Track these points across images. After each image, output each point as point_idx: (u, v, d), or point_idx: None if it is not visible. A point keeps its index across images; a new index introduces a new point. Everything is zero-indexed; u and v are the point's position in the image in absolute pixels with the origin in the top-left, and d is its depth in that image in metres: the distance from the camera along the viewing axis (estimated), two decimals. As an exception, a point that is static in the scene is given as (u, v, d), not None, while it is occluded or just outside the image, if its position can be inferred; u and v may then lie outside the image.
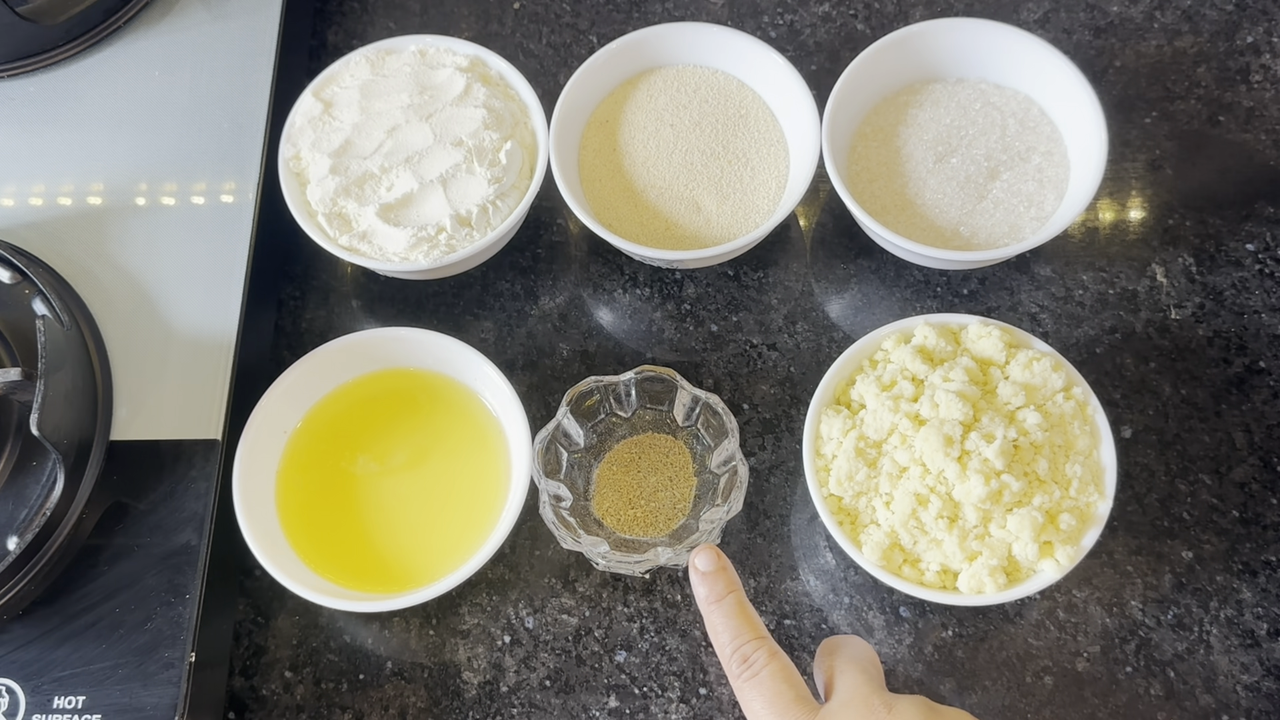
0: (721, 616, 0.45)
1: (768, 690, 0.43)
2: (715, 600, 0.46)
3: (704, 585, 0.46)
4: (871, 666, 0.45)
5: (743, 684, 0.44)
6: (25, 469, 0.54)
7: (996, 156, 0.59)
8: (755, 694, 0.43)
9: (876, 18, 0.68)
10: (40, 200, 0.62)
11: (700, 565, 0.46)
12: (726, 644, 0.45)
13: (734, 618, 0.45)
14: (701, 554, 0.47)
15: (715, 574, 0.46)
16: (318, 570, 0.54)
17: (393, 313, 0.63)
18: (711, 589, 0.46)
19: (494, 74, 0.62)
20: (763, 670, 0.43)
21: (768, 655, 0.44)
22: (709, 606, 0.46)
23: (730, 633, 0.45)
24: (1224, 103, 0.64)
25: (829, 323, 0.61)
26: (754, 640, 0.44)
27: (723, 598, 0.45)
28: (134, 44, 0.66)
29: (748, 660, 0.44)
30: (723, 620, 0.45)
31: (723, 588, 0.46)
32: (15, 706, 0.50)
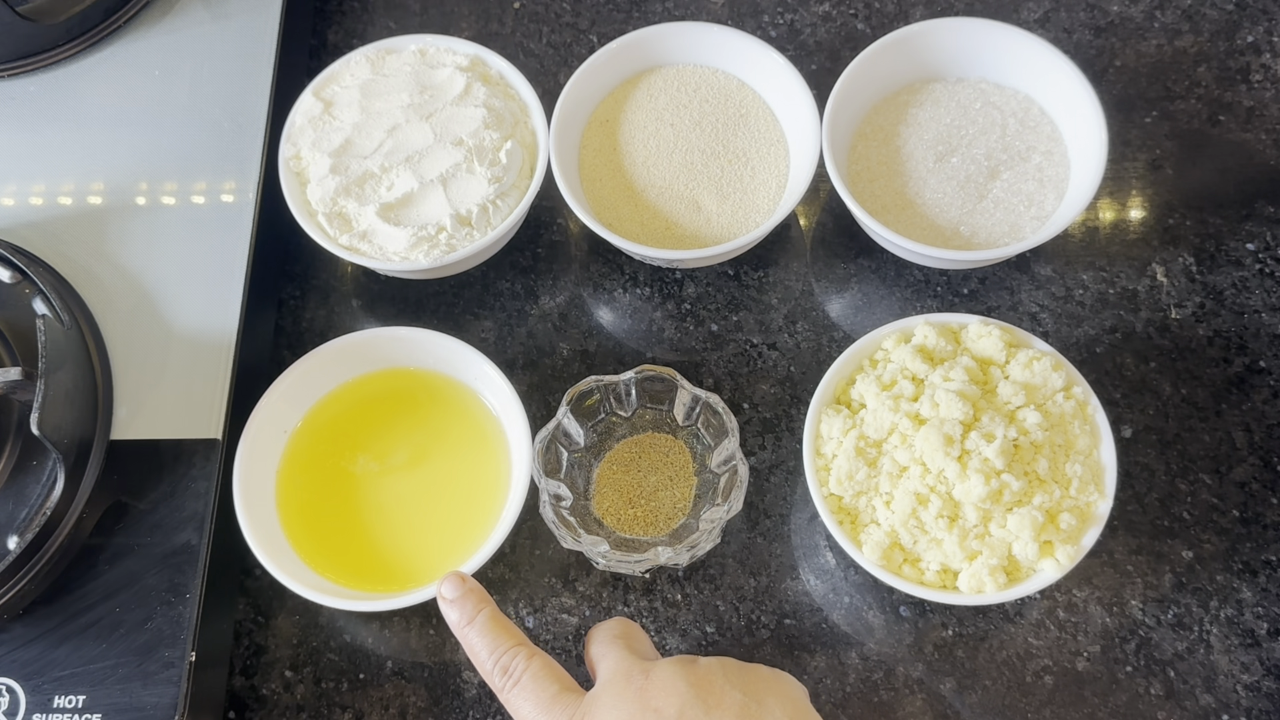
0: (476, 634, 0.44)
1: (530, 691, 0.43)
2: (467, 622, 0.45)
3: (454, 610, 0.45)
4: (634, 639, 0.45)
5: (509, 694, 0.43)
6: (25, 468, 0.54)
7: (997, 156, 0.59)
8: (521, 698, 0.43)
9: (877, 17, 0.68)
10: (40, 200, 0.62)
11: (447, 593, 0.46)
12: (486, 660, 0.44)
13: (488, 634, 0.44)
14: (446, 582, 0.46)
15: (463, 597, 0.45)
16: (318, 570, 0.54)
17: (393, 312, 0.63)
18: (462, 612, 0.45)
19: (494, 73, 0.62)
20: (524, 674, 0.43)
21: (526, 658, 0.44)
22: (463, 631, 0.45)
23: (488, 649, 0.44)
24: (1224, 102, 0.64)
25: (829, 322, 0.61)
26: (511, 649, 0.44)
27: (474, 618, 0.45)
28: (134, 43, 0.66)
29: (508, 670, 0.44)
30: (478, 638, 0.44)
31: (472, 608, 0.45)
32: (15, 706, 0.50)
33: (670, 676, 0.42)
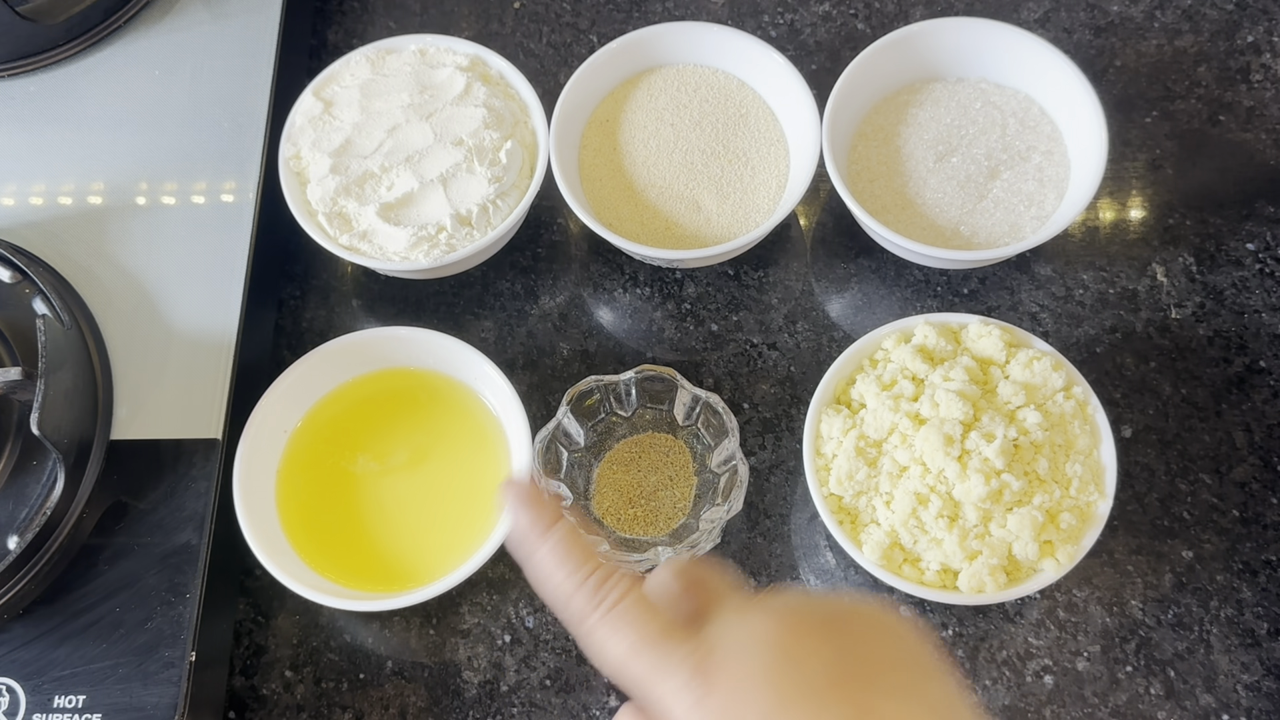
0: (551, 547, 0.34)
1: (631, 622, 0.33)
2: (543, 531, 0.35)
3: (525, 516, 0.35)
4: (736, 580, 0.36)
5: (598, 622, 0.33)
6: (25, 468, 0.54)
7: (997, 156, 0.59)
8: (614, 630, 0.33)
9: (877, 17, 0.68)
10: (41, 200, 0.62)
11: (513, 499, 0.35)
12: (564, 581, 0.34)
13: (570, 549, 0.34)
14: (511, 488, 0.36)
15: (534, 502, 0.35)
16: (318, 569, 0.54)
17: (393, 312, 0.63)
18: (537, 518, 0.35)
19: (494, 73, 0.62)
20: (623, 601, 0.33)
21: (622, 582, 0.34)
22: (535, 543, 0.35)
23: (572, 563, 0.34)
24: (1224, 102, 0.64)
25: (829, 322, 0.61)
26: (600, 569, 0.34)
27: (551, 526, 0.35)
28: (134, 43, 0.66)
29: (598, 592, 0.34)
30: (555, 553, 0.34)
31: (550, 516, 0.35)
32: (15, 706, 0.50)
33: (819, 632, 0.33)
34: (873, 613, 0.34)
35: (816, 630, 0.33)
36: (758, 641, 0.33)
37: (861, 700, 0.31)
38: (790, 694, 0.31)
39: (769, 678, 0.32)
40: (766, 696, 0.31)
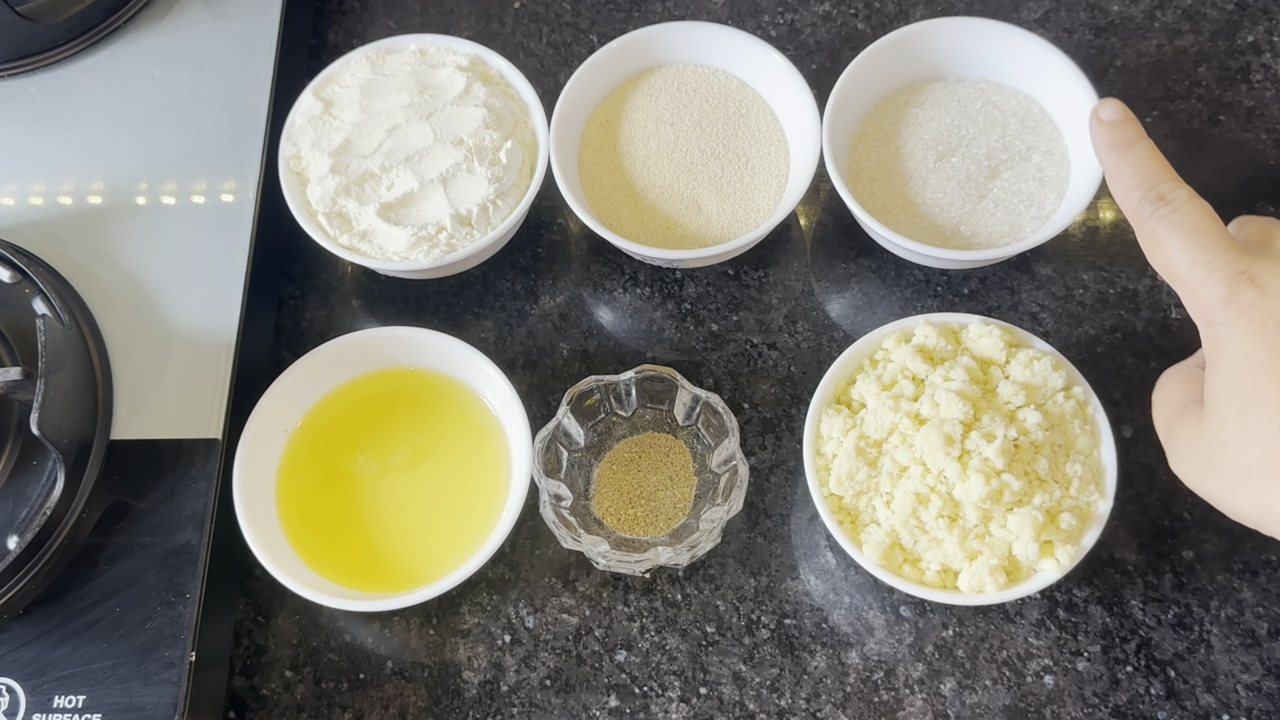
0: (1134, 158, 0.41)
1: (1187, 222, 0.38)
2: (1126, 143, 0.41)
3: (1112, 132, 0.42)
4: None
5: (1156, 221, 0.39)
6: (25, 468, 0.54)
7: (997, 156, 0.59)
8: (1172, 228, 0.39)
9: (877, 17, 0.68)
10: (40, 199, 0.62)
11: (1106, 114, 0.42)
12: (1136, 187, 0.40)
13: (1149, 159, 0.41)
14: (1106, 105, 0.43)
15: (1126, 121, 0.42)
16: (318, 570, 0.54)
17: (393, 312, 0.63)
18: (1122, 133, 0.42)
19: (494, 73, 0.62)
20: (1185, 204, 0.39)
21: (1189, 195, 0.39)
22: (1115, 153, 0.41)
23: (1145, 175, 0.40)
24: (1224, 102, 0.64)
25: (829, 322, 0.61)
26: (1172, 179, 0.40)
27: (1134, 142, 0.41)
28: (134, 43, 0.66)
29: (1165, 197, 0.39)
30: (1135, 162, 0.41)
31: (1134, 133, 0.42)
32: (15, 706, 0.50)
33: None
34: None
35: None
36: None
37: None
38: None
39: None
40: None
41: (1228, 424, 0.38)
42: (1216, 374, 0.38)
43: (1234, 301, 0.38)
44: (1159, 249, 0.40)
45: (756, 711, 0.53)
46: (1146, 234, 0.40)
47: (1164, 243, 0.39)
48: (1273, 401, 0.36)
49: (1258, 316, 0.37)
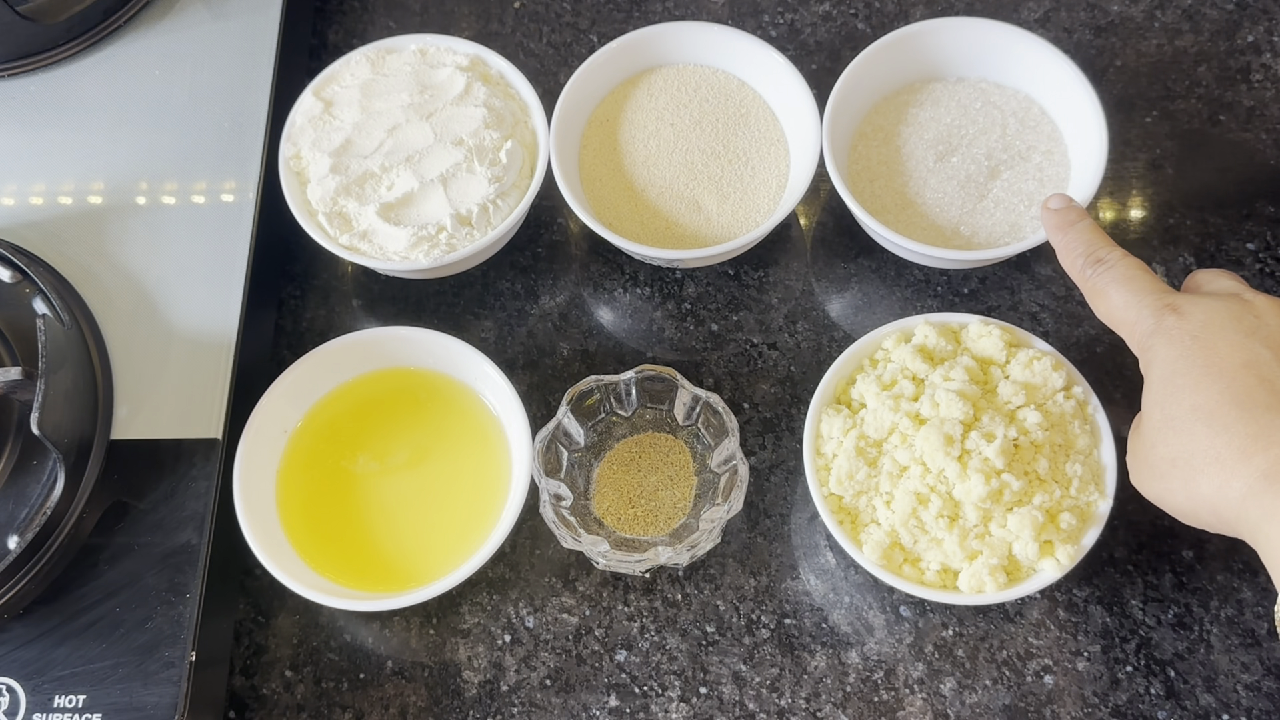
0: (1077, 233, 0.48)
1: (1123, 277, 0.46)
2: (1070, 224, 0.49)
3: (1057, 217, 0.50)
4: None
5: (1096, 278, 0.46)
6: (26, 468, 0.54)
7: (997, 155, 0.59)
8: (1109, 281, 0.46)
9: (877, 17, 0.68)
10: (41, 199, 0.62)
11: (1053, 204, 0.50)
12: (1079, 255, 0.47)
13: (1089, 233, 0.48)
14: (1053, 197, 0.51)
15: (1069, 208, 0.50)
16: (318, 569, 0.54)
17: (393, 312, 0.63)
18: (1065, 217, 0.49)
19: (494, 73, 0.62)
20: (1119, 263, 0.46)
21: (1122, 255, 0.46)
22: (1061, 233, 0.49)
23: (1085, 244, 0.47)
24: (1224, 102, 0.64)
25: (829, 322, 0.61)
26: (1107, 245, 0.47)
27: (1076, 222, 0.49)
28: (134, 43, 0.66)
29: (1103, 260, 0.46)
30: (1077, 236, 0.48)
31: (1075, 215, 0.49)
32: (16, 705, 0.50)
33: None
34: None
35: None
36: (1228, 306, 0.43)
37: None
38: (1249, 337, 0.42)
39: (1231, 324, 0.43)
40: (1225, 333, 0.42)
41: (1155, 425, 0.43)
42: (1148, 388, 0.44)
43: (1160, 328, 0.44)
44: (1101, 300, 0.47)
45: (756, 711, 0.53)
46: (1090, 291, 0.47)
47: (1104, 294, 0.46)
48: (1191, 396, 0.42)
49: (1177, 335, 0.43)
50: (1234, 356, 0.42)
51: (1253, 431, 0.40)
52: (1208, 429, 0.41)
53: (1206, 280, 0.48)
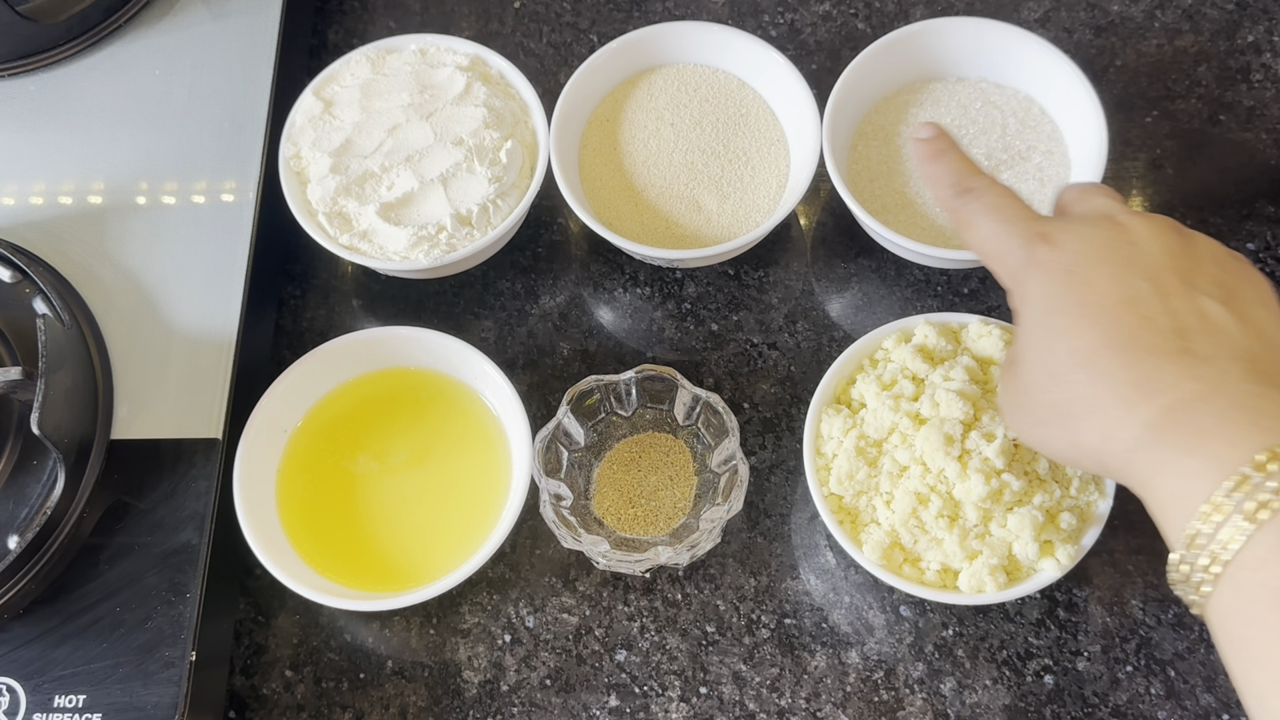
0: (945, 162, 0.46)
1: (993, 206, 0.43)
2: (939, 153, 0.46)
3: (925, 146, 0.47)
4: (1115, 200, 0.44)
5: (964, 208, 0.44)
6: (26, 468, 0.54)
7: (997, 155, 0.59)
8: (976, 210, 0.43)
9: (877, 17, 0.68)
10: (41, 199, 0.62)
11: (921, 134, 0.48)
12: (949, 185, 0.45)
13: (957, 161, 0.46)
14: (921, 126, 0.48)
15: (937, 137, 0.47)
16: (318, 569, 0.54)
17: (393, 312, 0.63)
18: (933, 146, 0.47)
19: (494, 73, 0.62)
20: (988, 193, 0.44)
21: (990, 182, 0.44)
22: (930, 163, 0.46)
23: (953, 174, 0.45)
24: (1225, 102, 0.64)
25: (829, 322, 0.61)
26: (976, 175, 0.45)
27: (945, 151, 0.46)
28: (134, 43, 0.66)
29: (971, 189, 0.44)
30: (945, 165, 0.46)
31: (944, 144, 0.47)
32: (16, 705, 0.50)
33: (1160, 226, 0.41)
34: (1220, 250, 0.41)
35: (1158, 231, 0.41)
36: (1103, 233, 0.40)
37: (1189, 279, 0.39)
38: (1126, 269, 0.39)
39: (1107, 254, 0.40)
40: (1101, 265, 0.39)
41: (1032, 369, 0.41)
42: (1021, 327, 0.42)
43: (1031, 260, 0.41)
44: (970, 230, 0.44)
45: (756, 711, 0.53)
46: (960, 221, 0.45)
47: (973, 223, 0.44)
48: (1069, 340, 0.39)
49: (1051, 268, 0.40)
50: (1112, 292, 0.39)
51: (1135, 378, 0.38)
52: (1088, 375, 0.39)
53: (1077, 198, 0.45)
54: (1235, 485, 0.34)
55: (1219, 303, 0.39)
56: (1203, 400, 0.37)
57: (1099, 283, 0.39)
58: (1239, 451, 0.35)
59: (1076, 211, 0.44)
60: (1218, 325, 0.38)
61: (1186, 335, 0.38)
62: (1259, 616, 0.34)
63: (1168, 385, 0.37)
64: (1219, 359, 0.38)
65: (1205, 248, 0.41)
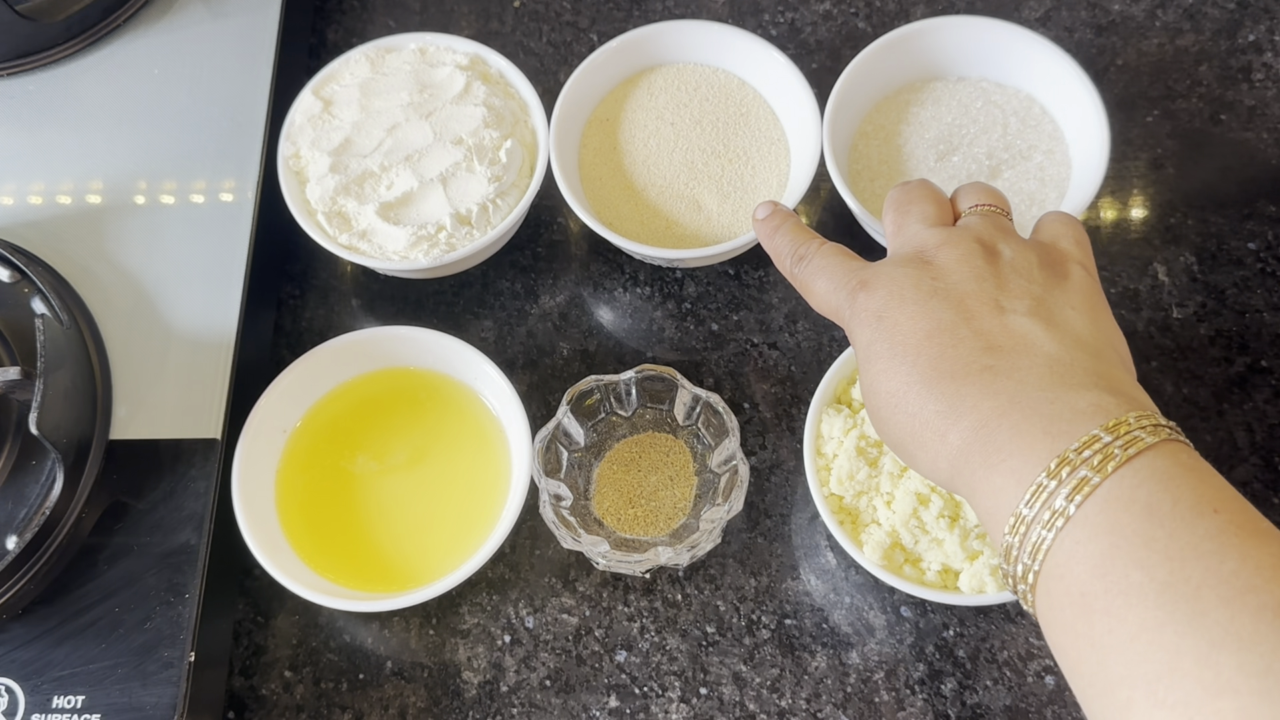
0: (782, 236, 0.48)
1: (822, 266, 0.45)
2: (775, 229, 0.48)
3: (765, 225, 0.49)
4: (933, 207, 0.45)
5: (801, 274, 0.46)
6: (24, 468, 0.53)
7: (998, 155, 0.59)
8: (811, 274, 0.45)
9: (878, 16, 0.68)
10: (39, 199, 0.62)
11: (760, 214, 0.50)
12: (787, 254, 0.47)
13: (791, 233, 0.48)
14: (761, 206, 0.50)
15: (774, 214, 0.49)
16: (317, 570, 0.54)
17: (392, 311, 0.62)
18: (770, 224, 0.49)
19: (494, 72, 0.62)
20: (816, 255, 0.46)
21: (819, 244, 0.46)
22: (770, 238, 0.49)
23: (790, 243, 0.47)
24: (1226, 101, 0.64)
25: (830, 322, 0.61)
26: (807, 241, 0.47)
27: (781, 225, 0.48)
28: (133, 42, 0.65)
29: (804, 256, 0.46)
30: (783, 238, 0.48)
31: (780, 219, 0.49)
32: (14, 706, 0.50)
33: (966, 252, 0.42)
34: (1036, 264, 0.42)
35: (962, 264, 0.42)
36: (908, 273, 0.42)
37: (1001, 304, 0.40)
38: (929, 301, 0.40)
39: (911, 291, 0.41)
40: (906, 305, 0.40)
41: (870, 412, 0.42)
42: (860, 371, 0.43)
43: (853, 309, 0.43)
44: (811, 295, 0.46)
45: (757, 712, 0.53)
46: (801, 286, 0.47)
47: (810, 287, 0.46)
48: (885, 382, 0.40)
49: (865, 316, 0.42)
50: (916, 328, 0.40)
51: (943, 407, 0.38)
52: (904, 414, 0.39)
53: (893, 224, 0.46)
54: (1032, 496, 0.35)
55: (1027, 315, 0.39)
56: (1000, 416, 0.37)
57: (904, 322, 0.40)
58: (1033, 463, 0.35)
59: (891, 244, 0.46)
60: (1023, 337, 0.39)
61: (993, 353, 0.38)
62: (1069, 624, 0.34)
63: (970, 407, 0.38)
64: (1018, 371, 0.38)
65: (1014, 264, 0.41)
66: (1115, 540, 0.33)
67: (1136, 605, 0.32)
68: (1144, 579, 0.32)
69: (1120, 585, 0.32)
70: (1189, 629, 0.31)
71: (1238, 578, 0.31)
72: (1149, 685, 0.31)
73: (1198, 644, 0.30)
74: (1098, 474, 0.34)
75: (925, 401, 0.39)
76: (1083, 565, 0.33)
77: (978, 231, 0.43)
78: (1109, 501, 0.33)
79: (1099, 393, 0.36)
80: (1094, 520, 0.33)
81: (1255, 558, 0.31)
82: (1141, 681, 0.31)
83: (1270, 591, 0.31)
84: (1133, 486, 0.33)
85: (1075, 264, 0.43)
